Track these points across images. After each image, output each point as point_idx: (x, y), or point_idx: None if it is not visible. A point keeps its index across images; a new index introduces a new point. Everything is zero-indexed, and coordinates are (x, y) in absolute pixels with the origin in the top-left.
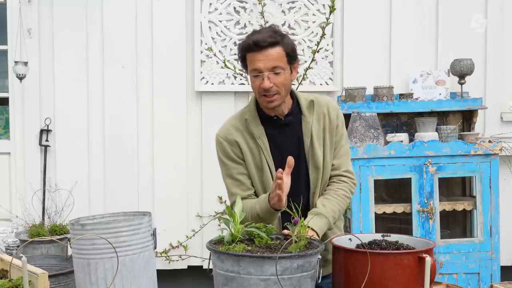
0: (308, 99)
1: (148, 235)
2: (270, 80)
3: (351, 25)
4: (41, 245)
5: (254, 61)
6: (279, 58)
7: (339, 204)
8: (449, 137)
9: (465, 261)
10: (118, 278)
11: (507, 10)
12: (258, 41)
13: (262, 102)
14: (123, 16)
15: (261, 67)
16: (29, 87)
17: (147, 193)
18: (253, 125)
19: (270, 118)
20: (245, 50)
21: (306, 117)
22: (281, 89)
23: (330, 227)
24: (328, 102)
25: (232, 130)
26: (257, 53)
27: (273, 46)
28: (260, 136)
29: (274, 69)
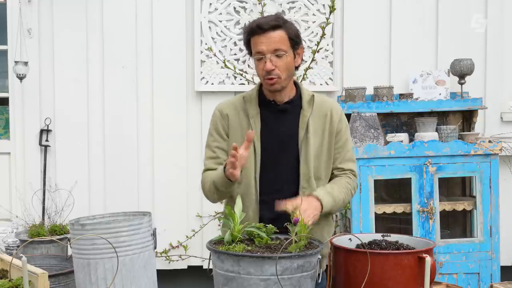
0: (310, 94)
1: (148, 235)
2: (272, 63)
3: (351, 25)
4: (41, 245)
5: (257, 43)
6: (281, 40)
7: (345, 195)
8: (449, 137)
9: (465, 261)
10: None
11: (507, 10)
12: (261, 24)
13: (265, 85)
14: (123, 16)
15: (263, 49)
16: (29, 87)
17: (147, 193)
18: (250, 104)
19: (268, 102)
20: (249, 34)
21: (305, 110)
22: (283, 73)
23: (331, 211)
24: (333, 105)
25: (229, 105)
26: (260, 36)
27: (275, 29)
28: (253, 116)
29: (276, 51)
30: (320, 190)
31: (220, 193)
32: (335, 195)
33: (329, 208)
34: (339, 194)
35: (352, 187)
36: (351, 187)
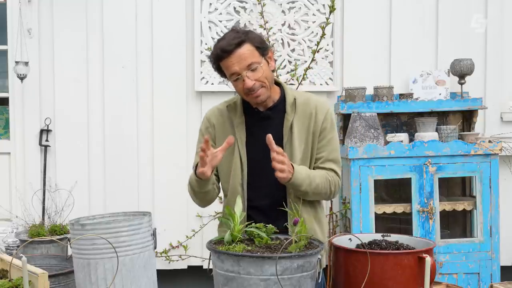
0: (293, 96)
1: (148, 235)
2: (250, 78)
3: (351, 25)
4: (41, 245)
5: (228, 66)
6: (251, 54)
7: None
8: (449, 137)
9: (465, 261)
10: (118, 278)
11: (507, 10)
12: (224, 47)
13: (250, 101)
14: (123, 16)
15: (237, 70)
16: (29, 87)
17: (147, 193)
18: (234, 113)
19: (252, 110)
20: (216, 60)
21: (288, 114)
22: (265, 82)
23: (301, 185)
24: (318, 103)
25: (216, 112)
26: (228, 58)
27: (240, 45)
28: (238, 125)
29: (249, 66)
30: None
31: (197, 194)
32: (310, 174)
33: (300, 179)
34: (315, 178)
35: (331, 180)
36: (330, 180)
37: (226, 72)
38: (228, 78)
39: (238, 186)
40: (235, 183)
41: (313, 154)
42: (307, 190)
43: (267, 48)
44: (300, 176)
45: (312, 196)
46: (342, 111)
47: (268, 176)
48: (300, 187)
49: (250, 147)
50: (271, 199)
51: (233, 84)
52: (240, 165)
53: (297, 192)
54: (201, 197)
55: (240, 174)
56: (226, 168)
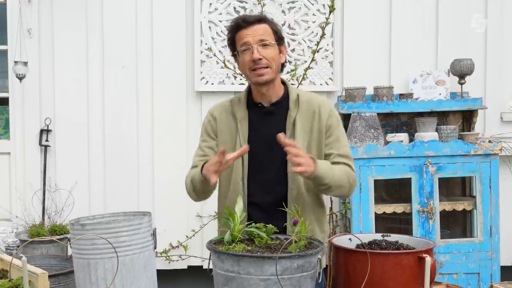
0: (296, 93)
1: (148, 235)
2: (260, 53)
3: (351, 25)
4: (41, 245)
5: (242, 36)
6: (267, 32)
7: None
8: (449, 137)
9: (465, 261)
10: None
11: (507, 10)
12: (245, 18)
13: (252, 78)
14: (123, 16)
15: (249, 41)
16: (29, 87)
17: (147, 193)
18: (238, 108)
19: (255, 105)
20: (234, 30)
21: (291, 110)
22: (271, 63)
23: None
24: (321, 101)
25: (219, 107)
26: (245, 29)
27: (260, 22)
28: (241, 120)
29: (262, 41)
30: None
31: (198, 192)
32: (332, 167)
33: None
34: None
35: (350, 175)
36: (348, 174)
37: (238, 44)
38: (238, 52)
39: (239, 180)
40: (236, 178)
41: (321, 152)
42: (330, 183)
43: (283, 41)
44: (323, 167)
45: (334, 190)
46: (342, 111)
47: (269, 172)
48: (324, 179)
49: (252, 142)
50: (271, 196)
51: (240, 58)
52: (241, 160)
53: (320, 187)
54: (200, 195)
55: (241, 168)
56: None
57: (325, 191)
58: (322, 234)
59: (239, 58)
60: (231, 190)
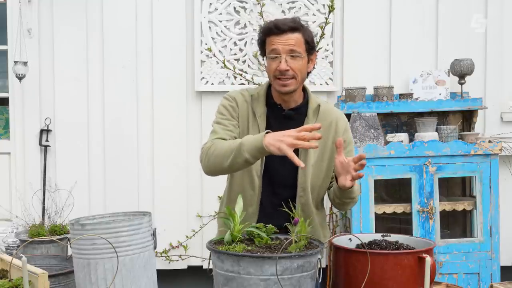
0: (316, 103)
1: (148, 235)
2: (287, 64)
3: (351, 25)
4: (41, 245)
5: (273, 43)
6: (298, 43)
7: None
8: (449, 137)
9: (465, 261)
10: (118, 278)
11: (507, 10)
12: (279, 24)
13: (275, 86)
14: (123, 16)
15: (279, 49)
16: (29, 87)
17: (147, 193)
18: (257, 103)
19: (275, 105)
20: (265, 33)
21: (309, 119)
22: (297, 74)
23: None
24: (339, 115)
25: (240, 96)
26: (277, 36)
27: (293, 31)
28: (260, 115)
29: (291, 52)
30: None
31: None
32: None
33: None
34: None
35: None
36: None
37: (268, 48)
38: (266, 54)
39: (256, 177)
40: (253, 174)
41: (331, 164)
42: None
43: (314, 49)
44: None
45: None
46: (342, 111)
47: (279, 175)
48: (356, 193)
49: None
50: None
51: (267, 63)
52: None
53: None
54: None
55: (260, 163)
56: None
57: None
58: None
59: (266, 61)
60: (247, 186)
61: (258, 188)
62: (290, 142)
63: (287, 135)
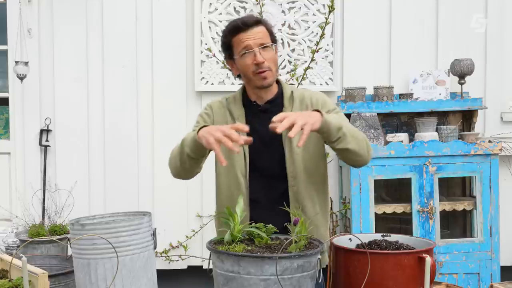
0: (289, 91)
1: (148, 235)
2: (262, 56)
3: (351, 25)
4: (41, 245)
5: (242, 40)
6: (265, 35)
7: (356, 132)
8: (449, 137)
9: (465, 261)
10: (118, 278)
11: (507, 10)
12: (245, 20)
13: (256, 82)
14: (123, 16)
15: (251, 44)
16: (29, 87)
17: (147, 193)
18: (234, 105)
19: (250, 103)
20: (231, 33)
21: (286, 108)
22: (272, 65)
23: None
24: (313, 94)
25: (217, 103)
26: (245, 32)
27: (258, 25)
28: (238, 117)
29: (262, 45)
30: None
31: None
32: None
33: (331, 121)
34: (347, 124)
35: (362, 133)
36: (363, 135)
37: (237, 48)
38: (236, 55)
39: (241, 176)
40: (238, 174)
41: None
42: (344, 130)
43: (276, 39)
44: (329, 115)
45: (351, 143)
46: (342, 111)
47: (268, 169)
48: (336, 125)
49: None
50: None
51: (240, 62)
52: (243, 155)
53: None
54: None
55: (243, 164)
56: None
57: (341, 145)
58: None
59: (237, 61)
60: (233, 187)
61: (244, 187)
62: (217, 136)
63: (219, 129)
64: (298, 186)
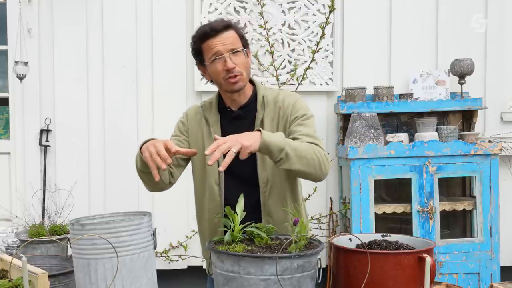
0: (262, 95)
1: (148, 235)
2: (232, 61)
3: (351, 25)
4: (41, 245)
5: (212, 46)
6: (235, 40)
7: (301, 145)
8: (449, 137)
9: (465, 261)
10: (118, 278)
11: (507, 10)
12: (213, 26)
13: (227, 87)
14: (123, 16)
15: (220, 50)
16: (29, 87)
17: (147, 193)
18: (209, 112)
19: (225, 109)
20: (201, 39)
21: (258, 112)
22: (243, 70)
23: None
24: (286, 95)
25: (194, 109)
26: (214, 38)
27: (227, 29)
28: (213, 124)
29: (232, 50)
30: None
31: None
32: (288, 139)
33: (271, 142)
34: (296, 142)
35: (317, 149)
36: (315, 148)
37: (207, 54)
38: (206, 60)
39: (215, 185)
40: (212, 183)
41: None
42: (288, 152)
43: (247, 43)
44: (273, 135)
45: (297, 164)
46: (342, 111)
47: (241, 176)
48: (277, 146)
49: None
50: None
51: (211, 68)
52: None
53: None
54: (144, 178)
55: (217, 172)
56: (200, 167)
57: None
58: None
59: (208, 67)
60: (207, 196)
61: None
62: (150, 151)
63: (153, 144)
64: (270, 192)
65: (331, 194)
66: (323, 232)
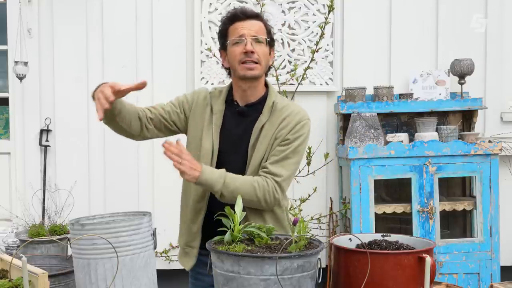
0: (272, 100)
1: (148, 235)
2: (253, 47)
3: (351, 25)
4: (41, 245)
5: (238, 28)
6: (261, 29)
7: (245, 187)
8: (449, 137)
9: (465, 261)
10: (118, 278)
11: (507, 10)
12: (245, 10)
13: (240, 71)
14: (123, 16)
15: (244, 33)
16: (29, 87)
17: (147, 193)
18: (216, 100)
19: (232, 102)
20: (230, 20)
21: (263, 116)
22: (261, 59)
23: (219, 189)
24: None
25: (203, 93)
26: (242, 21)
27: (257, 19)
28: (217, 112)
29: (256, 37)
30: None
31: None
32: (226, 175)
33: (210, 178)
34: (235, 180)
35: (260, 189)
36: (259, 188)
37: (232, 35)
38: (229, 43)
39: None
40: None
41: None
42: (224, 194)
43: (274, 42)
44: (210, 175)
45: (233, 199)
46: (342, 111)
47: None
48: (213, 187)
49: (221, 137)
50: None
51: (231, 50)
52: (211, 152)
53: (215, 194)
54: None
55: (210, 161)
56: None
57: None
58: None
59: (228, 49)
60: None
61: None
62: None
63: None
64: None
65: (331, 194)
66: (323, 232)
